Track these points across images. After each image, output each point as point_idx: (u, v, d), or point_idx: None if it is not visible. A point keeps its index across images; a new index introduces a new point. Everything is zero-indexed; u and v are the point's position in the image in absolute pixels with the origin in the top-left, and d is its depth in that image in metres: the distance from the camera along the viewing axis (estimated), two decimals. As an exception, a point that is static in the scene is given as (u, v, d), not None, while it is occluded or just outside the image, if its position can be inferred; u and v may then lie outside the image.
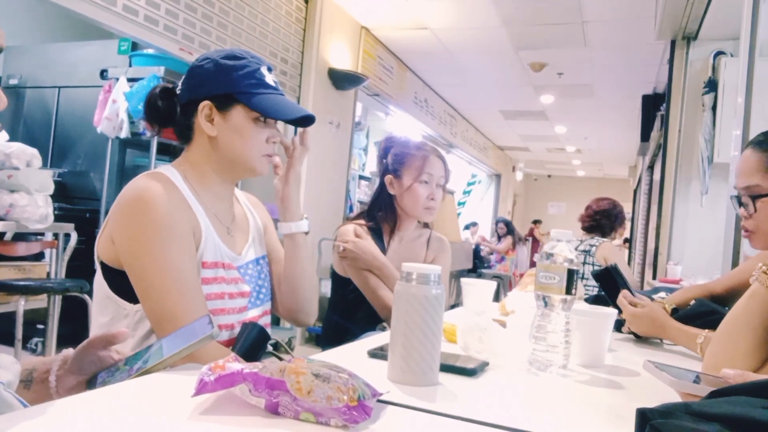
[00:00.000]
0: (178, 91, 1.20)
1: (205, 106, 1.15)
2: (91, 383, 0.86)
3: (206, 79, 1.15)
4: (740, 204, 1.16)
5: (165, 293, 1.03)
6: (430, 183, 1.81)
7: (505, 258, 8.47)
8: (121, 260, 1.08)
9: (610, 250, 3.63)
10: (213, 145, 1.17)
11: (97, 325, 1.13)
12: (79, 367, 0.87)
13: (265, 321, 1.27)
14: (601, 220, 3.68)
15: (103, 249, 1.11)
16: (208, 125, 1.15)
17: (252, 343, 1.06)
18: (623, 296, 1.42)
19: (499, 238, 8.72)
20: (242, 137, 1.15)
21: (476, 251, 7.98)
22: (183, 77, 1.20)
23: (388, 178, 1.85)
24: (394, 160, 1.85)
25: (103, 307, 1.12)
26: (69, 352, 0.90)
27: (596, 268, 3.50)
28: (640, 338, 1.43)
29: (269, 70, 1.20)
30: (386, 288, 1.72)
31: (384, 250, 1.82)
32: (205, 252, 1.13)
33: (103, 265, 1.12)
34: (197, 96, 1.16)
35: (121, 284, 1.09)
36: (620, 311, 1.41)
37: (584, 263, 3.58)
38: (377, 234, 1.84)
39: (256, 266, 1.27)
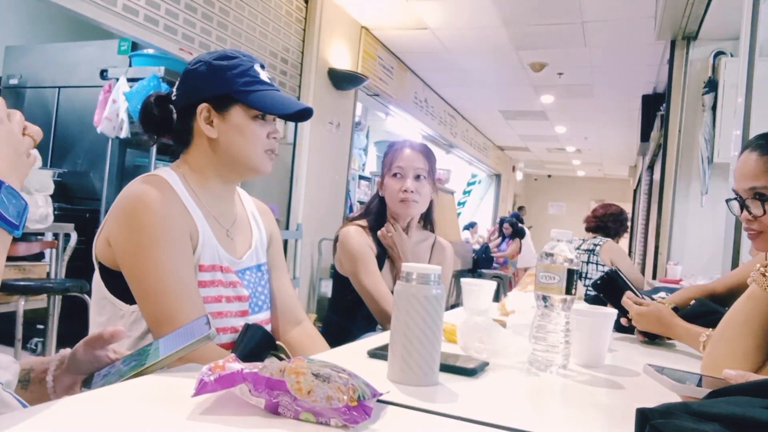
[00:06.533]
0: (173, 97, 1.19)
1: (203, 109, 1.14)
2: (87, 383, 0.86)
3: (201, 81, 1.15)
4: (742, 206, 1.16)
5: (162, 296, 1.03)
6: (404, 175, 1.78)
7: (507, 260, 8.44)
8: (118, 263, 1.08)
9: (614, 250, 3.66)
10: (213, 147, 1.16)
11: (95, 325, 1.13)
12: (76, 367, 0.87)
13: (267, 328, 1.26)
14: (608, 223, 3.76)
15: (100, 250, 1.11)
16: (208, 127, 1.15)
17: (255, 346, 1.05)
18: (627, 297, 1.42)
19: (504, 238, 8.68)
20: (243, 136, 1.15)
21: (485, 250, 7.94)
22: (177, 82, 1.20)
23: (378, 180, 1.88)
24: (381, 162, 1.89)
25: (101, 307, 1.13)
26: (66, 352, 0.90)
27: (600, 267, 3.52)
28: (651, 340, 1.42)
29: (262, 67, 1.19)
30: (382, 292, 1.71)
31: (385, 252, 1.82)
32: (202, 255, 1.13)
33: (101, 266, 1.12)
34: (194, 99, 1.15)
35: (118, 285, 1.09)
36: (624, 314, 1.41)
37: (588, 262, 3.60)
38: (377, 235, 1.83)
39: (257, 272, 1.26)
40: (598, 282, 1.54)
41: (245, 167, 1.18)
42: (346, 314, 1.82)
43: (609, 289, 1.50)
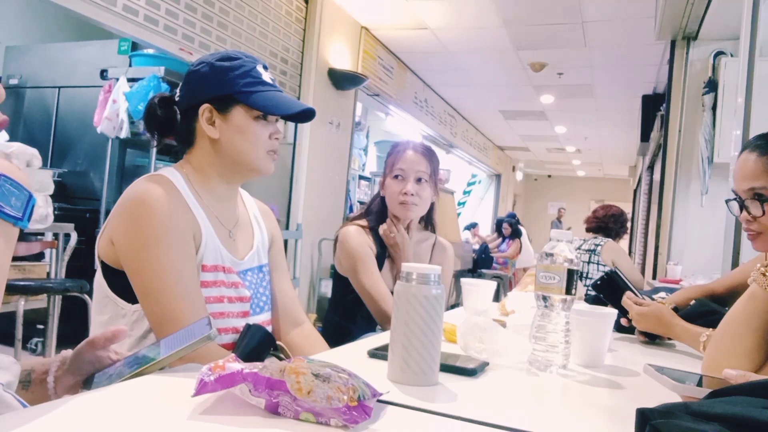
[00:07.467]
0: (176, 98, 1.20)
1: (205, 110, 1.15)
2: (87, 383, 0.86)
3: (204, 82, 1.15)
4: (742, 207, 1.16)
5: (165, 295, 1.03)
6: (405, 178, 1.77)
7: (507, 260, 8.43)
8: (121, 261, 1.08)
9: (616, 250, 3.67)
10: (216, 147, 1.17)
11: (96, 324, 1.14)
12: (78, 368, 0.87)
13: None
14: (609, 224, 3.78)
15: (103, 249, 1.12)
16: (210, 128, 1.15)
17: (256, 346, 1.05)
18: (627, 297, 1.42)
19: (504, 239, 8.66)
20: (245, 137, 1.15)
21: (485, 250, 7.93)
22: (181, 83, 1.20)
23: (379, 180, 1.88)
24: (384, 162, 1.89)
25: (103, 306, 1.13)
26: (68, 353, 0.90)
27: (602, 267, 3.52)
28: (651, 340, 1.42)
29: (265, 68, 1.20)
30: (381, 292, 1.71)
31: (385, 252, 1.82)
32: (205, 255, 1.13)
33: (104, 265, 1.12)
34: (196, 100, 1.16)
35: (120, 284, 1.09)
36: (624, 314, 1.41)
37: (589, 262, 3.61)
38: (377, 234, 1.83)
39: (258, 273, 1.27)
40: (598, 282, 1.54)
41: (247, 168, 1.18)
42: (346, 314, 1.82)
43: (609, 290, 1.50)
